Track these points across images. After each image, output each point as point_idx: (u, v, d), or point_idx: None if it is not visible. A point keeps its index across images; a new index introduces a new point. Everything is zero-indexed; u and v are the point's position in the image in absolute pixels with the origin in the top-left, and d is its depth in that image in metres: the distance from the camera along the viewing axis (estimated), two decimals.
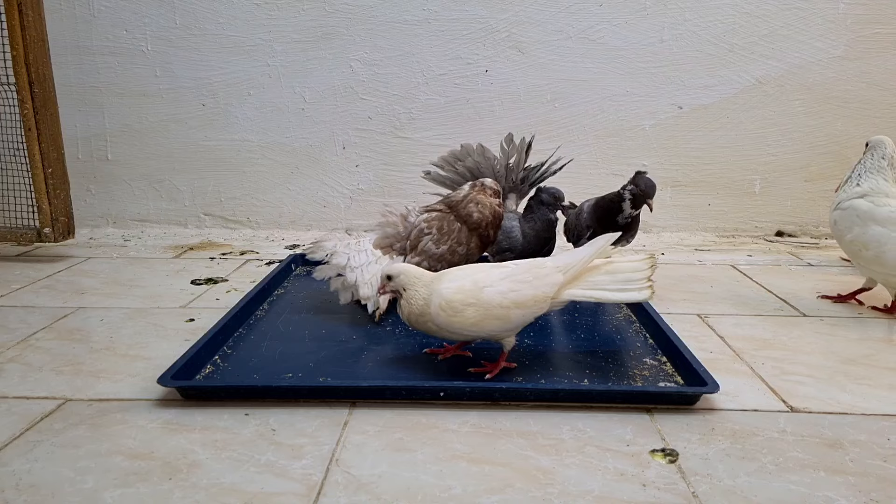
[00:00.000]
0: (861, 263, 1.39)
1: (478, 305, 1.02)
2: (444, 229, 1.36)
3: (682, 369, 1.06)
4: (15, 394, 1.01)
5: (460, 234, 1.37)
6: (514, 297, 1.02)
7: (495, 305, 1.01)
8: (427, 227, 1.36)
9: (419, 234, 1.36)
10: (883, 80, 2.01)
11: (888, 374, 1.10)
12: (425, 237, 1.35)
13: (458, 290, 1.02)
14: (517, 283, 1.03)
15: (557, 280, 1.03)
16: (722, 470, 0.82)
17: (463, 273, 1.06)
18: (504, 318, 1.02)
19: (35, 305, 1.43)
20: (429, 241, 1.35)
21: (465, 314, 1.02)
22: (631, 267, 1.06)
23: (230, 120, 2.11)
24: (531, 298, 1.02)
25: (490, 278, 1.04)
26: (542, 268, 1.05)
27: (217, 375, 1.07)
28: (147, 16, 2.04)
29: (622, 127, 2.08)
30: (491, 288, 1.02)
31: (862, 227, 1.35)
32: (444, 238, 1.35)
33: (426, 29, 2.03)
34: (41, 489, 0.78)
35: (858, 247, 1.37)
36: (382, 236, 1.37)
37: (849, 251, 1.42)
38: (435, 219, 1.37)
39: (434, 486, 0.78)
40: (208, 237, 2.12)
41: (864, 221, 1.35)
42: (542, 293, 1.03)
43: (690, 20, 1.99)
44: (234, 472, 0.81)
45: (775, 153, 2.07)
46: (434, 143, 2.10)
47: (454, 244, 1.36)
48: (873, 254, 1.34)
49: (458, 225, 1.37)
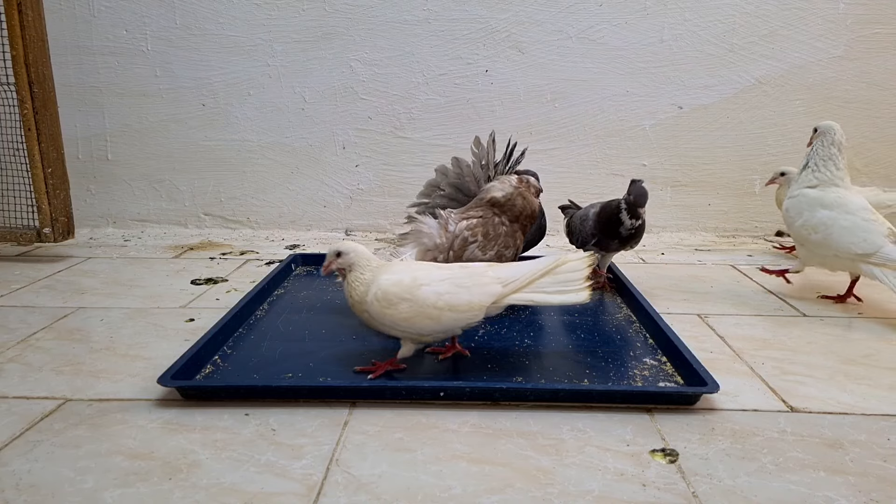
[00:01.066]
0: (808, 248, 1.44)
1: (412, 302, 1.01)
2: (489, 234, 1.32)
3: (682, 369, 1.06)
4: (15, 394, 1.01)
5: (507, 237, 1.33)
6: (449, 300, 1.01)
7: (429, 305, 1.01)
8: (471, 234, 1.31)
9: (463, 244, 1.30)
10: (883, 80, 2.01)
11: (888, 374, 1.10)
12: (471, 245, 1.30)
13: (396, 283, 1.02)
14: (456, 286, 1.02)
15: (496, 291, 1.02)
16: (722, 470, 0.82)
17: (405, 268, 1.05)
18: (436, 319, 1.02)
19: (35, 305, 1.43)
20: (475, 249, 1.30)
21: (399, 308, 1.01)
22: (569, 267, 1.04)
23: (230, 120, 2.11)
24: (466, 304, 1.02)
25: (430, 277, 1.03)
26: (484, 276, 1.04)
27: (217, 375, 1.07)
28: (147, 16, 2.04)
29: (622, 127, 2.08)
30: (428, 287, 1.02)
31: (810, 212, 1.41)
32: (490, 244, 1.31)
33: (426, 29, 2.03)
34: (41, 489, 0.78)
35: (808, 231, 1.41)
36: (423, 250, 1.31)
37: (798, 237, 1.46)
38: (478, 225, 1.32)
39: (434, 486, 0.78)
40: (208, 237, 2.12)
41: (812, 206, 1.41)
42: (478, 301, 1.02)
43: (690, 20, 1.99)
44: (234, 472, 0.81)
45: (775, 153, 2.07)
46: (434, 143, 2.10)
47: (501, 248, 1.32)
48: (821, 237, 1.39)
49: (504, 228, 1.33)
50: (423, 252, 1.30)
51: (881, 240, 1.32)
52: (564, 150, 2.10)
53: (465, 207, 1.37)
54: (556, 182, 2.11)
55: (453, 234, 1.31)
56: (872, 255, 1.32)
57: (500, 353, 1.16)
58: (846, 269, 1.43)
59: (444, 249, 1.31)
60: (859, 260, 1.35)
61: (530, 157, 2.07)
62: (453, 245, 1.31)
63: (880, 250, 1.31)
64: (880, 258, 1.31)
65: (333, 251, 1.05)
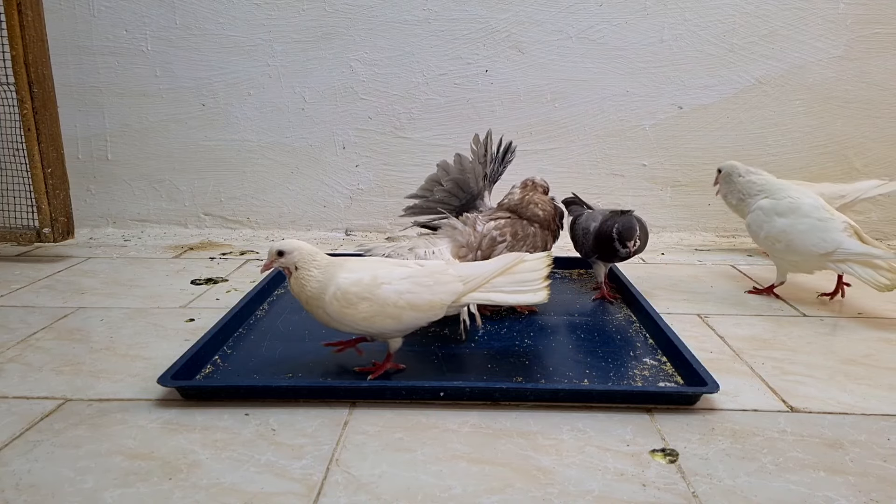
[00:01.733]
0: (779, 257, 1.47)
1: (372, 301, 1.00)
2: (518, 234, 1.33)
3: (682, 369, 1.06)
4: (15, 394, 1.01)
5: (535, 237, 1.34)
6: (410, 299, 1.00)
7: (390, 304, 1.00)
8: (500, 234, 1.32)
9: (492, 243, 1.31)
10: (883, 80, 2.01)
11: (888, 374, 1.10)
12: (499, 245, 1.31)
13: (355, 282, 1.01)
14: (417, 285, 1.01)
15: (457, 289, 1.02)
16: (722, 470, 0.82)
17: (364, 266, 1.04)
18: (397, 318, 1.01)
19: (35, 305, 1.43)
20: (504, 249, 1.30)
21: (359, 308, 1.00)
22: (528, 267, 1.04)
23: (230, 120, 2.11)
24: (427, 303, 1.01)
25: (390, 276, 1.02)
26: (445, 274, 1.03)
27: (217, 375, 1.07)
28: (147, 16, 2.04)
29: (622, 127, 2.08)
30: (389, 286, 1.01)
31: (769, 223, 1.46)
32: (518, 243, 1.32)
33: (426, 29, 2.03)
34: (41, 489, 0.78)
35: (772, 241, 1.45)
36: (457, 245, 1.31)
37: (766, 248, 1.51)
38: (507, 225, 1.33)
39: (434, 486, 0.78)
40: (208, 237, 2.12)
41: (770, 217, 1.46)
42: (439, 300, 1.01)
43: (690, 20, 1.99)
44: (234, 472, 0.81)
45: (775, 153, 2.07)
46: (434, 143, 2.10)
47: (530, 248, 1.33)
48: (783, 245, 1.43)
49: (532, 228, 1.34)
50: (457, 247, 1.31)
51: (839, 236, 1.35)
52: (564, 150, 2.10)
53: (491, 211, 1.39)
54: (557, 182, 2.09)
55: (481, 234, 1.32)
56: (834, 253, 1.35)
57: (500, 353, 1.16)
58: (818, 270, 1.44)
59: (472, 248, 1.31)
60: (825, 259, 1.37)
61: (531, 156, 2.09)
62: (481, 244, 1.31)
63: (840, 247, 1.34)
64: (841, 254, 1.34)
65: (274, 250, 1.02)
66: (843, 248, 1.33)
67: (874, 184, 1.79)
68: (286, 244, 1.02)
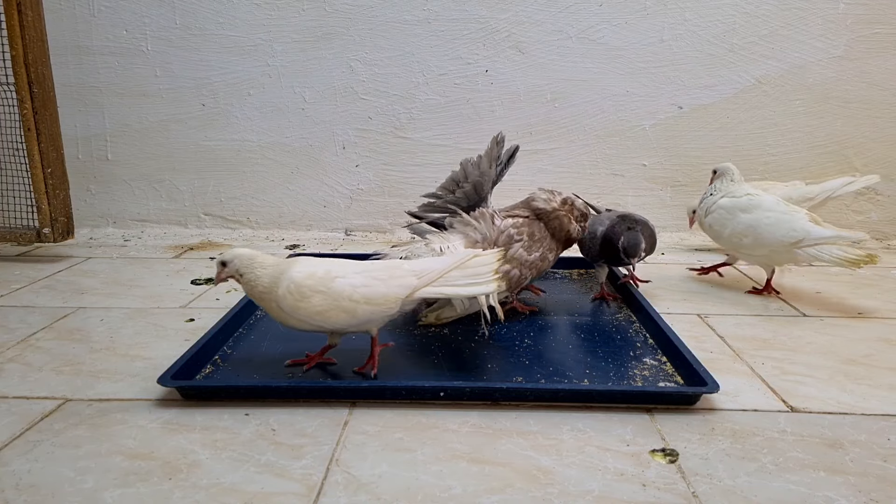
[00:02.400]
0: (745, 252, 1.52)
1: (326, 294, 1.00)
2: (535, 236, 1.30)
3: (682, 369, 1.06)
4: (15, 394, 1.01)
5: (551, 241, 1.33)
6: (364, 293, 1.00)
7: (345, 297, 1.00)
8: (517, 233, 1.29)
9: (508, 240, 1.28)
10: (883, 80, 2.01)
11: (888, 374, 1.10)
12: (516, 243, 1.28)
13: (309, 275, 1.01)
14: (371, 279, 1.01)
15: (411, 283, 1.01)
16: (722, 470, 0.82)
17: (318, 261, 1.05)
18: (351, 312, 1.00)
19: (35, 305, 1.43)
20: (520, 248, 1.28)
21: (312, 301, 1.00)
22: (480, 262, 1.04)
23: (230, 120, 2.11)
24: (382, 297, 1.01)
25: (345, 270, 1.02)
26: (399, 269, 1.03)
27: (217, 375, 1.07)
28: (147, 16, 2.04)
29: (622, 127, 2.08)
30: (343, 279, 1.01)
31: (733, 220, 1.51)
32: (535, 245, 1.30)
33: (426, 29, 2.03)
34: (41, 489, 0.78)
35: (738, 238, 1.50)
36: (470, 241, 1.28)
37: (731, 246, 1.55)
38: (524, 224, 1.30)
39: (434, 486, 0.78)
40: (208, 237, 2.12)
41: (733, 214, 1.51)
42: (394, 294, 1.01)
43: (690, 20, 1.99)
44: (234, 472, 0.81)
45: (775, 153, 2.07)
46: (434, 143, 2.10)
47: (545, 251, 1.31)
48: (751, 239, 1.48)
49: (547, 234, 1.33)
50: (470, 242, 1.28)
51: (806, 225, 1.42)
52: (564, 150, 2.10)
53: (510, 208, 1.36)
54: (557, 182, 2.10)
55: (499, 230, 1.29)
56: (804, 240, 1.41)
57: (500, 353, 1.16)
58: (786, 262, 1.50)
59: (490, 242, 1.29)
60: (794, 248, 1.43)
61: (531, 156, 2.09)
62: (498, 240, 1.29)
63: (809, 234, 1.41)
64: (812, 240, 1.41)
65: (218, 262, 1.04)
66: (812, 234, 1.41)
67: (843, 181, 1.81)
68: (226, 254, 1.03)
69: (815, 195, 1.78)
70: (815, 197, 1.78)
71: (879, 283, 1.62)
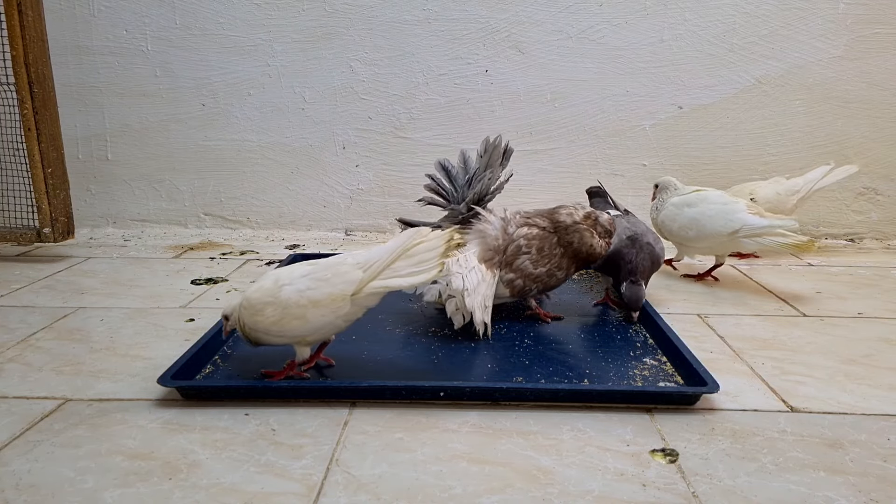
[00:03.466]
0: (692, 245, 1.61)
1: (276, 304, 0.97)
2: (544, 251, 1.26)
3: (682, 369, 1.06)
4: (15, 394, 1.01)
5: (562, 259, 1.28)
6: (311, 296, 0.97)
7: (293, 304, 0.97)
8: (526, 244, 1.26)
9: (517, 251, 1.26)
10: (883, 80, 2.01)
11: (888, 374, 1.10)
12: (523, 255, 1.26)
13: (258, 288, 1.00)
14: (316, 280, 0.98)
15: (357, 277, 0.98)
16: (722, 470, 0.82)
17: (274, 272, 1.03)
18: (302, 318, 0.98)
19: (35, 305, 1.43)
20: (526, 260, 1.26)
21: (265, 313, 0.98)
22: (426, 247, 0.99)
23: (230, 120, 2.11)
24: (328, 296, 0.97)
25: (291, 276, 1.00)
26: (343, 265, 1.00)
27: (217, 375, 1.07)
28: (147, 16, 2.04)
29: (622, 127, 2.08)
30: (290, 286, 0.98)
31: (681, 214, 1.60)
32: (542, 260, 1.26)
33: (426, 29, 2.03)
34: (41, 489, 0.78)
35: (685, 231, 1.59)
36: (485, 248, 1.26)
37: (679, 239, 1.63)
38: (535, 237, 1.27)
39: (434, 486, 0.78)
40: (208, 237, 2.12)
41: (681, 209, 1.61)
42: (339, 291, 0.97)
43: (690, 20, 1.99)
44: (234, 472, 0.81)
45: (775, 153, 2.07)
46: (434, 143, 2.10)
47: (553, 268, 1.27)
48: (695, 232, 1.56)
49: (561, 249, 1.28)
50: (484, 251, 1.26)
51: (743, 215, 1.50)
52: (564, 150, 2.10)
53: (533, 213, 1.32)
54: (557, 182, 2.11)
55: (510, 238, 1.27)
56: (741, 230, 1.49)
57: (500, 353, 1.16)
58: (731, 250, 1.59)
59: (499, 251, 1.27)
60: (733, 238, 1.51)
61: (531, 156, 2.09)
62: (507, 249, 1.27)
63: (745, 224, 1.49)
64: (747, 230, 1.49)
65: (222, 317, 1.04)
66: (748, 224, 1.48)
67: (821, 171, 1.82)
68: (226, 309, 1.03)
69: (800, 188, 1.80)
70: (800, 189, 1.80)
71: (879, 283, 1.62)
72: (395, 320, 1.31)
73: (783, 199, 1.77)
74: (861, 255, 1.91)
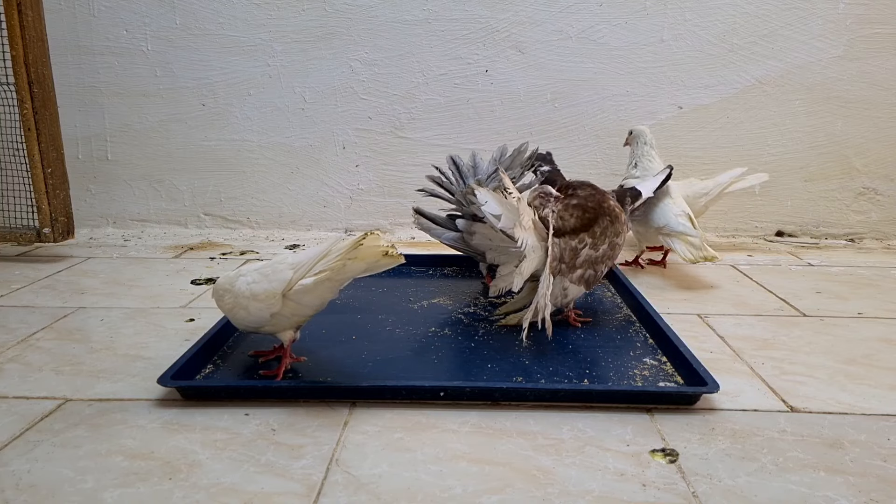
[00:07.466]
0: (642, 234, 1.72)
1: (231, 293, 1.03)
2: (596, 234, 1.25)
3: (682, 369, 1.06)
4: (15, 394, 1.01)
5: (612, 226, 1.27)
6: (253, 289, 1.01)
7: (242, 295, 1.02)
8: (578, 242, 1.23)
9: (574, 253, 1.22)
10: (883, 80, 2.01)
11: (888, 374, 1.10)
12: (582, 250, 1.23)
13: (224, 277, 1.06)
14: (260, 275, 1.02)
15: (287, 277, 1.00)
16: (722, 470, 0.82)
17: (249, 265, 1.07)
18: (246, 309, 1.02)
19: (35, 305, 1.43)
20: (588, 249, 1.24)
21: (224, 300, 1.05)
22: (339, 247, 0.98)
23: (230, 120, 2.11)
24: (265, 292, 1.00)
25: (249, 268, 1.05)
26: (282, 263, 1.02)
27: (217, 375, 1.07)
28: (147, 16, 2.04)
29: (622, 127, 2.07)
30: (244, 277, 1.03)
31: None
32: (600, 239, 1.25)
33: (426, 29, 2.03)
34: (41, 489, 0.78)
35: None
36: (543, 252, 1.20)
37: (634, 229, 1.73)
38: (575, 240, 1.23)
39: (434, 486, 0.78)
40: (208, 237, 2.12)
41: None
42: (272, 288, 1.00)
43: (690, 20, 1.99)
44: (234, 472, 0.81)
45: (775, 153, 2.07)
46: (434, 143, 2.10)
47: (612, 237, 1.26)
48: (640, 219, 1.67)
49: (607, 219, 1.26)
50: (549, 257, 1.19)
51: (672, 216, 1.61)
52: (564, 150, 2.10)
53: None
54: None
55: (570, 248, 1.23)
56: (665, 227, 1.61)
57: (500, 353, 1.16)
58: (652, 242, 1.71)
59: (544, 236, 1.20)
60: (657, 232, 1.64)
61: None
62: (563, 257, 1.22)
63: (668, 223, 1.61)
64: (670, 229, 1.60)
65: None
66: (670, 224, 1.60)
67: (730, 175, 1.83)
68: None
69: (709, 190, 1.82)
70: (709, 191, 1.82)
71: (879, 283, 1.62)
72: (395, 320, 1.31)
73: (692, 201, 1.76)
74: (861, 255, 1.91)
